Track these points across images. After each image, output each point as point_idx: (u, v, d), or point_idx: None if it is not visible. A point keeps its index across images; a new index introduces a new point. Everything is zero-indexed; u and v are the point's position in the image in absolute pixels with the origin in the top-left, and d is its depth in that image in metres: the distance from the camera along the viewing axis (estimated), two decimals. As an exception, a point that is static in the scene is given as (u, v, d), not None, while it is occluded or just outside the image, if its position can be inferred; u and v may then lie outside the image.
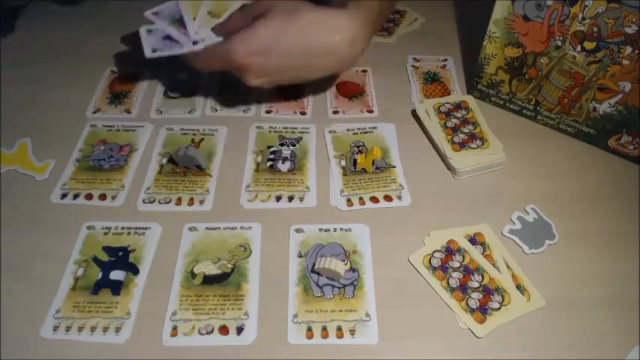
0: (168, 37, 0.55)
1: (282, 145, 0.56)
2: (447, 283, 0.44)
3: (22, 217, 0.49)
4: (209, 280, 0.44)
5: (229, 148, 0.56)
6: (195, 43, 0.53)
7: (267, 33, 0.49)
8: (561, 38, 0.51)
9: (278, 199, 0.50)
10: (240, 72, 0.51)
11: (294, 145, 0.55)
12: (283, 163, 0.54)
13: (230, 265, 0.45)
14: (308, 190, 0.51)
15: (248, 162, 0.54)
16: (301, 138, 0.56)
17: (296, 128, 0.57)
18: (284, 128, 0.57)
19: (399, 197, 0.51)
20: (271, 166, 0.54)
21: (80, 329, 0.41)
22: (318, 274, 0.44)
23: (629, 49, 0.47)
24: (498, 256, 0.46)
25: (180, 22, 0.54)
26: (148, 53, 0.54)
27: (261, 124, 0.58)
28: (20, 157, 0.54)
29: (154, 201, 0.50)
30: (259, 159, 0.54)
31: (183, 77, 0.63)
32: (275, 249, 0.47)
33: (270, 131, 0.57)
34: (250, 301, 0.43)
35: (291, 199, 0.51)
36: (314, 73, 0.53)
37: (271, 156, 0.55)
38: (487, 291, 0.43)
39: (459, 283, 0.44)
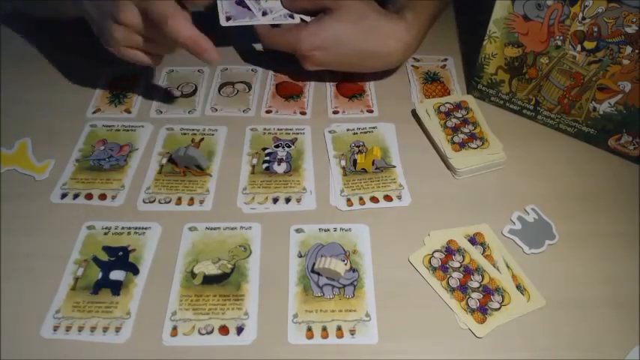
0: (240, 3, 0.56)
1: (277, 146, 0.55)
2: (447, 283, 0.44)
3: (22, 217, 0.49)
4: (209, 280, 0.44)
5: (229, 148, 0.56)
6: (264, 14, 0.56)
7: (333, 32, 0.55)
8: (561, 38, 0.51)
9: (275, 200, 0.50)
10: (300, 58, 0.57)
11: (289, 147, 0.55)
12: (279, 164, 0.54)
13: (230, 265, 0.45)
14: (305, 191, 0.51)
15: (243, 164, 0.54)
16: (296, 139, 0.56)
17: (291, 129, 0.57)
18: (278, 130, 0.57)
19: (399, 197, 0.51)
20: (267, 168, 0.53)
21: (80, 329, 0.41)
22: (318, 274, 0.44)
23: (629, 49, 0.47)
24: (498, 256, 0.46)
25: None
26: (223, 21, 0.55)
27: (256, 125, 0.58)
28: (20, 157, 0.54)
29: (154, 201, 0.50)
30: (254, 161, 0.54)
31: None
32: (275, 249, 0.47)
33: (264, 133, 0.57)
34: (250, 301, 0.43)
35: (288, 200, 0.50)
36: (364, 70, 0.60)
37: (267, 158, 0.54)
38: (487, 291, 0.43)
39: (459, 283, 0.44)
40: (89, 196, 0.50)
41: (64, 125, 0.57)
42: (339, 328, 0.41)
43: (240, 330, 0.41)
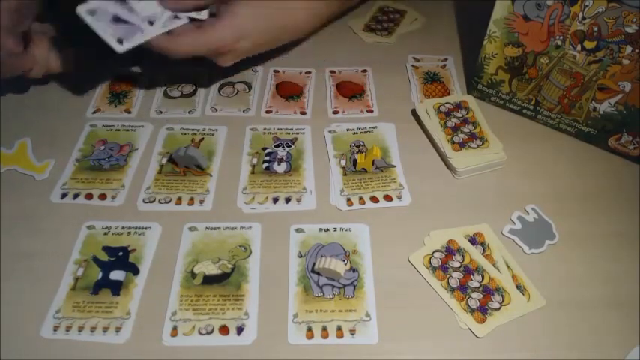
0: (116, 19, 0.48)
1: (277, 146, 0.56)
2: (447, 282, 0.44)
3: (22, 217, 0.49)
4: (209, 280, 0.44)
5: (229, 148, 0.56)
6: (151, 22, 0.50)
7: (249, 17, 0.53)
8: (561, 38, 0.51)
9: (275, 200, 0.50)
10: (221, 55, 0.54)
11: (289, 147, 0.55)
12: (279, 164, 0.54)
13: (230, 265, 0.45)
14: (305, 191, 0.51)
15: (243, 164, 0.54)
16: (296, 139, 0.56)
17: (291, 129, 0.57)
18: (278, 129, 0.57)
19: (399, 197, 0.51)
20: (267, 168, 0.53)
21: (80, 329, 0.41)
22: (318, 273, 0.44)
23: (629, 49, 0.47)
24: (498, 256, 0.46)
25: None
26: (119, 48, 0.48)
27: (256, 125, 0.58)
28: (20, 157, 0.54)
29: (154, 201, 0.50)
30: (254, 161, 0.54)
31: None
32: (275, 249, 0.47)
33: (264, 133, 0.57)
34: (250, 301, 0.43)
35: (288, 200, 0.50)
36: (279, 44, 0.60)
37: (267, 158, 0.54)
38: (487, 291, 0.43)
39: (459, 283, 0.44)
40: (89, 196, 0.50)
41: (64, 125, 0.58)
42: (339, 328, 0.41)
43: (240, 330, 0.41)
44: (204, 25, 0.52)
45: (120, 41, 0.48)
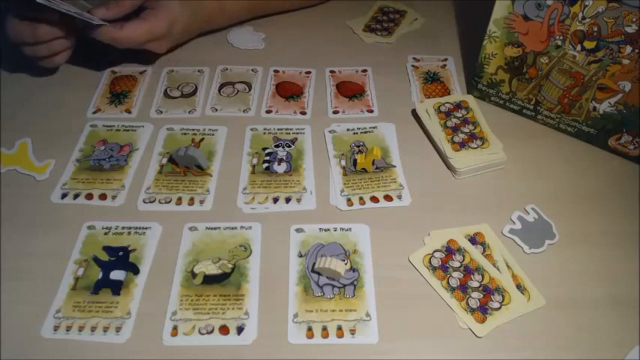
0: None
1: (277, 146, 0.56)
2: (447, 282, 0.44)
3: (22, 217, 0.49)
4: (209, 279, 0.44)
5: (229, 148, 0.56)
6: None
7: (179, 7, 0.61)
8: (561, 38, 0.51)
9: (275, 200, 0.50)
10: (158, 41, 0.62)
11: (289, 147, 0.55)
12: (279, 164, 0.54)
13: (230, 265, 0.45)
14: (305, 191, 0.51)
15: (243, 164, 0.54)
16: (296, 139, 0.56)
17: (291, 129, 0.57)
18: (278, 129, 0.57)
19: (399, 197, 0.51)
20: (267, 168, 0.54)
21: (80, 329, 0.41)
22: (319, 273, 0.44)
23: (629, 49, 0.47)
24: (498, 256, 0.46)
25: None
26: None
27: (256, 125, 0.58)
28: (20, 157, 0.54)
29: (154, 201, 0.50)
30: (255, 161, 0.54)
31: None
32: (275, 249, 0.47)
33: (264, 133, 0.57)
34: (250, 301, 0.43)
35: (288, 200, 0.51)
36: (198, 33, 0.69)
37: (267, 157, 0.54)
38: (487, 291, 0.43)
39: (459, 283, 0.44)
40: (89, 196, 0.50)
41: (65, 125, 0.58)
42: (339, 328, 0.41)
43: (240, 330, 0.41)
44: (145, 15, 0.60)
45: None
